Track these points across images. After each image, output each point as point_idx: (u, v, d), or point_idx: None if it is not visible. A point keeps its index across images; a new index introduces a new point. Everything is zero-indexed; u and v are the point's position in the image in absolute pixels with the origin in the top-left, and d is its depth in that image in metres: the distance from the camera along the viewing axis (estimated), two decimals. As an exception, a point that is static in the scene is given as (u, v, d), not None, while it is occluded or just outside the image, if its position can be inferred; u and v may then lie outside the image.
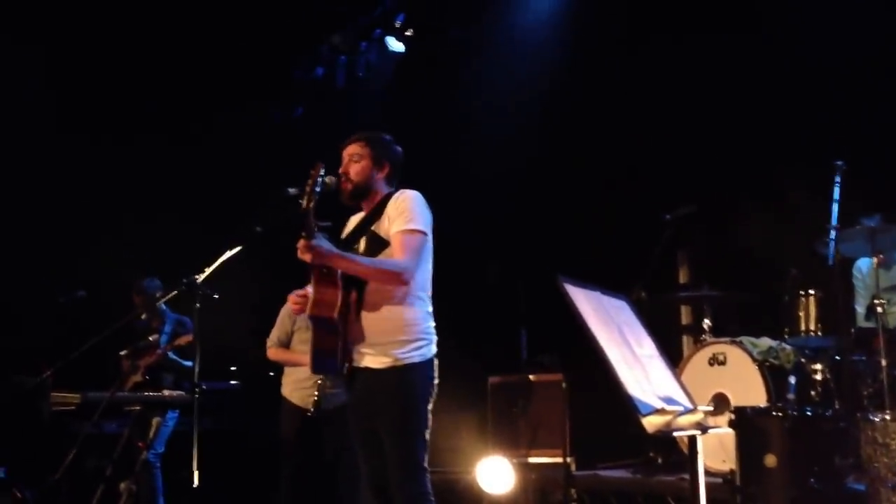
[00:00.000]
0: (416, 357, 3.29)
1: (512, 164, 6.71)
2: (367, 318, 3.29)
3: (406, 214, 3.30)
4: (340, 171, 3.42)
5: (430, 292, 3.43)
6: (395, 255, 3.28)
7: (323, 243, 3.20)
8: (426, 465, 3.29)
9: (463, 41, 6.74)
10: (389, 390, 3.26)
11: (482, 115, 6.73)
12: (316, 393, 4.70)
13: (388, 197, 3.42)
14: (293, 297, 3.39)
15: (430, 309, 3.42)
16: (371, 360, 3.29)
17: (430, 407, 3.33)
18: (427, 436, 3.31)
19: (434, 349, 3.38)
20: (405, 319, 3.30)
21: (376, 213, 3.41)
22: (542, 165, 6.69)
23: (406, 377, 3.27)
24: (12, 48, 6.08)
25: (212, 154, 6.67)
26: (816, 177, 4.89)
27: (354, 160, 3.43)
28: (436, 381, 3.37)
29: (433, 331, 3.40)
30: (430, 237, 3.37)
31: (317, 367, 3.35)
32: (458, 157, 6.83)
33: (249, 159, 6.71)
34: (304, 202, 3.17)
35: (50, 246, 6.41)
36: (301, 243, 3.17)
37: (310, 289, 3.30)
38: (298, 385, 4.83)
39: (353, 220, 3.54)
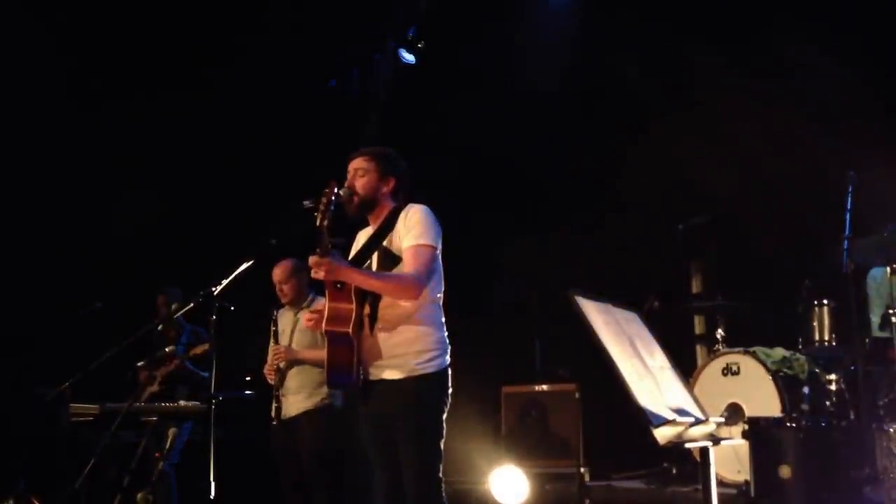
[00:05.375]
0: (430, 367, 3.33)
1: (524, 174, 6.73)
2: (382, 333, 3.33)
3: (416, 229, 3.35)
4: (346, 185, 3.47)
5: (441, 304, 3.47)
6: (407, 269, 3.32)
7: (336, 259, 3.24)
8: (441, 474, 3.31)
9: (473, 58, 6.79)
10: (406, 400, 3.30)
11: (493, 124, 6.75)
12: (274, 404, 4.79)
13: (396, 211, 3.46)
14: (307, 315, 3.44)
15: (444, 320, 3.46)
16: (387, 372, 3.33)
17: (444, 417, 3.36)
18: (441, 445, 3.34)
19: (448, 360, 3.42)
20: (419, 332, 3.34)
21: (386, 228, 3.45)
22: (555, 174, 6.71)
23: (422, 387, 3.31)
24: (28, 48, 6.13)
25: (227, 164, 6.72)
26: (829, 186, 4.89)
27: (360, 175, 3.47)
28: (450, 392, 3.41)
29: (447, 342, 3.44)
30: (439, 251, 3.41)
31: (332, 382, 3.40)
32: (471, 165, 6.86)
33: (265, 169, 6.76)
34: (318, 220, 3.21)
35: (67, 258, 6.47)
36: (314, 260, 3.21)
37: (324, 302, 3.34)
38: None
39: (362, 236, 3.58)
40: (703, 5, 6.16)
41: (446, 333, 3.45)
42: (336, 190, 3.28)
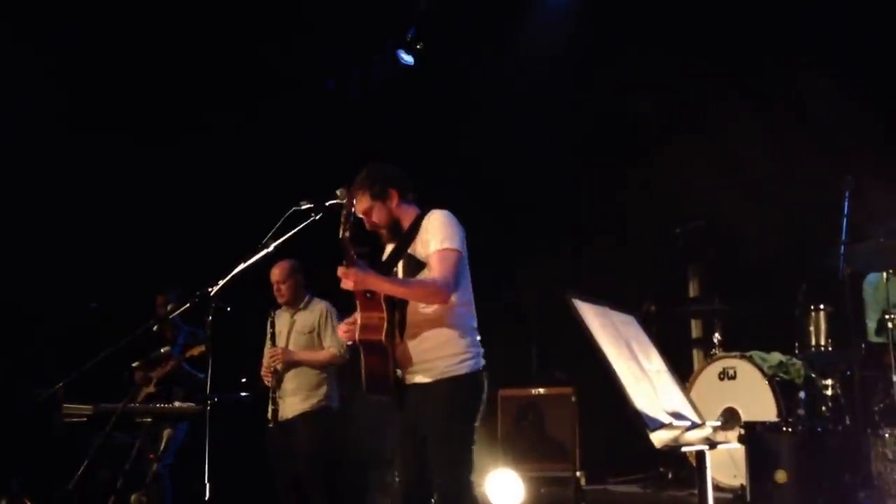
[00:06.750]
0: (462, 369, 3.35)
1: (523, 178, 6.73)
2: (412, 339, 3.35)
3: (439, 235, 3.36)
4: (369, 228, 3.50)
5: (472, 307, 3.48)
6: (433, 274, 3.33)
7: (363, 269, 3.24)
8: (471, 476, 3.30)
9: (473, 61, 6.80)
10: (436, 403, 3.32)
11: (493, 130, 6.75)
12: (271, 406, 4.77)
13: (419, 218, 3.47)
14: (342, 326, 3.44)
15: (475, 324, 3.47)
16: (419, 377, 3.36)
17: (476, 420, 3.37)
18: (473, 448, 3.33)
19: (482, 362, 3.42)
20: (449, 336, 3.35)
21: (410, 235, 3.47)
22: (553, 179, 6.71)
23: (452, 389, 3.32)
24: (22, 49, 6.12)
25: (225, 166, 6.71)
26: (826, 190, 4.90)
27: (368, 214, 3.49)
28: (484, 394, 3.41)
29: (478, 344, 3.45)
30: (465, 254, 3.41)
31: (369, 389, 3.41)
32: (470, 169, 6.86)
33: (264, 170, 6.75)
34: (340, 231, 3.22)
35: (62, 258, 6.46)
36: (341, 270, 3.23)
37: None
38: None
39: (391, 245, 3.59)
40: (696, 15, 6.17)
41: (478, 337, 3.45)
42: (353, 202, 3.28)
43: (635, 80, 6.31)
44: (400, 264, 3.46)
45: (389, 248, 3.56)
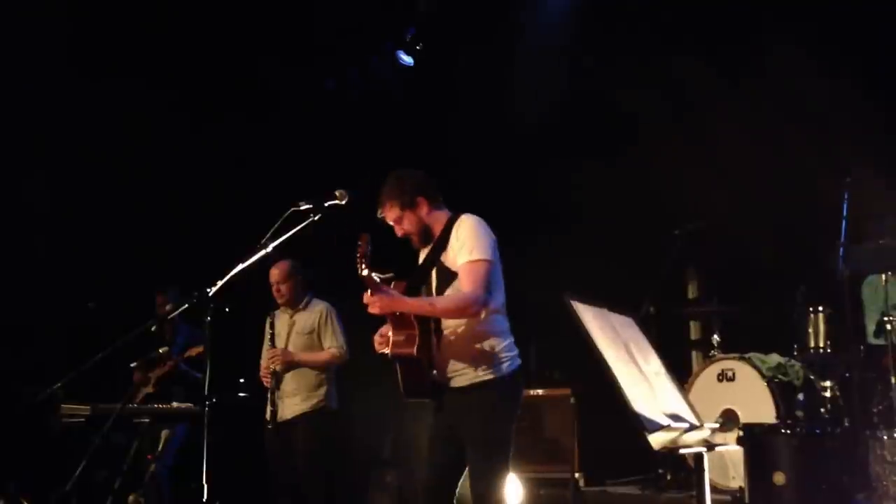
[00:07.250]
0: (497, 373, 3.36)
1: (522, 177, 6.73)
2: (448, 345, 3.37)
3: (468, 244, 3.36)
4: (400, 236, 3.52)
5: (504, 310, 3.47)
6: (463, 287, 3.34)
7: (388, 294, 3.25)
8: (504, 479, 3.31)
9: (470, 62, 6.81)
10: (473, 406, 3.33)
11: (492, 130, 6.76)
12: (270, 407, 4.77)
13: (450, 223, 3.47)
14: (377, 338, 3.44)
15: (508, 326, 3.47)
16: (456, 381, 3.38)
17: (512, 423, 3.37)
18: (508, 451, 3.33)
19: (517, 362, 3.43)
20: (482, 343, 3.36)
21: (441, 243, 3.46)
22: (552, 178, 6.71)
23: (488, 392, 3.34)
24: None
25: (225, 166, 6.71)
26: (825, 192, 4.90)
27: (398, 223, 3.50)
28: (520, 397, 3.43)
29: (513, 347, 3.45)
30: (495, 261, 3.40)
31: (408, 394, 3.43)
32: (469, 169, 6.86)
33: (264, 170, 6.75)
34: (359, 270, 3.21)
35: (62, 257, 6.45)
36: (367, 298, 3.25)
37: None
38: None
39: (424, 249, 3.58)
40: (692, 15, 6.18)
41: (512, 339, 3.45)
42: (369, 242, 3.26)
43: (634, 80, 6.31)
44: (433, 273, 3.47)
45: (424, 252, 3.56)
